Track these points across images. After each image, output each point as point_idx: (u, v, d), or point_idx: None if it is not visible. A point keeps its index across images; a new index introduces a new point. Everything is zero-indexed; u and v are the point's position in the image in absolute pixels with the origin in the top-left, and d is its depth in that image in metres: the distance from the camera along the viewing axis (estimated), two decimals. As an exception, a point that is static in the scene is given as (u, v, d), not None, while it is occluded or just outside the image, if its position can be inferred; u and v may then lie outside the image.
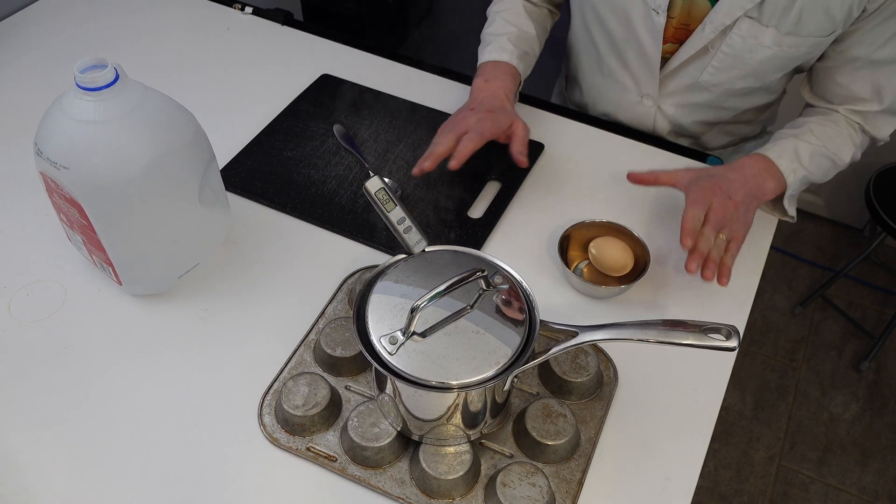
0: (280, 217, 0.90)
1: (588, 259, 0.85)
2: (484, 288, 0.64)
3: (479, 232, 0.88)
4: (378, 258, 0.85)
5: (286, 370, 0.74)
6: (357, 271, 0.83)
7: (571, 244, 0.86)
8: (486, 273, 0.64)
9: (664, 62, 0.96)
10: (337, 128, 0.81)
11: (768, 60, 0.89)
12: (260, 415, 0.71)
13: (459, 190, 0.91)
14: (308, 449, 0.69)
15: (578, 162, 0.99)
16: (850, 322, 2.02)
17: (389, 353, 0.61)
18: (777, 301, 2.09)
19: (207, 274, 0.83)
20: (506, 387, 0.64)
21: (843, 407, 1.86)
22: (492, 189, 0.93)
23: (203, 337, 0.78)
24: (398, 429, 0.68)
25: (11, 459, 0.68)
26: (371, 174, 0.70)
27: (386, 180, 0.70)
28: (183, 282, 0.81)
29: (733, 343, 0.58)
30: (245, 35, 1.18)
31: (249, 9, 1.22)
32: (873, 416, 1.84)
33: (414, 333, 0.61)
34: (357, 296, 0.66)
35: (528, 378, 0.74)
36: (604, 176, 0.97)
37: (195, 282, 0.82)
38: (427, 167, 0.85)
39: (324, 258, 0.85)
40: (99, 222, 0.71)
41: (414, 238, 0.69)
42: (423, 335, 0.62)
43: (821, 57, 0.90)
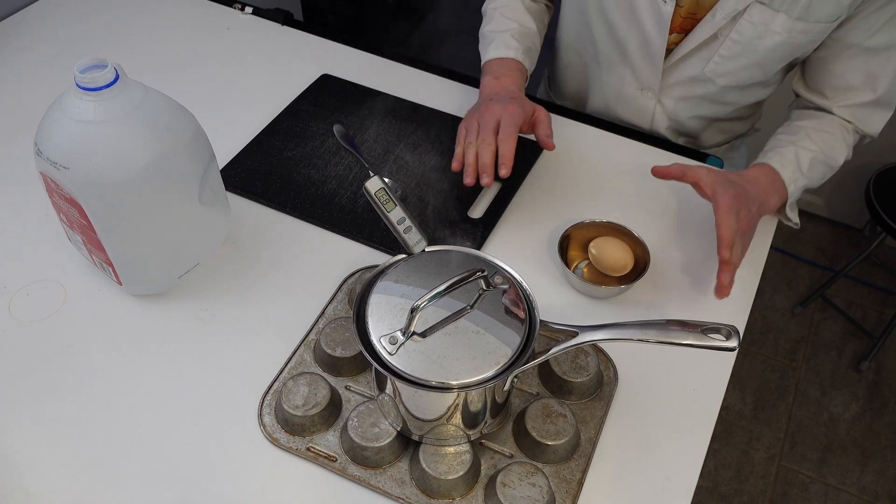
0: (280, 217, 0.90)
1: (588, 259, 0.85)
2: (484, 288, 0.64)
3: (479, 232, 0.88)
4: (378, 258, 0.85)
5: (286, 370, 0.74)
6: (357, 271, 0.83)
7: (571, 244, 0.86)
8: (486, 273, 0.64)
9: (667, 54, 0.95)
10: (337, 128, 0.81)
11: (776, 48, 0.88)
12: (260, 415, 0.71)
13: (459, 190, 0.91)
14: (308, 449, 0.69)
15: (578, 162, 0.99)
16: (850, 322, 2.02)
17: (389, 354, 0.61)
18: (777, 301, 2.09)
19: (207, 274, 0.83)
20: (506, 387, 0.64)
21: (843, 407, 1.86)
22: (492, 189, 0.93)
23: (203, 337, 0.78)
24: (398, 429, 0.68)
25: (11, 459, 0.68)
26: (371, 174, 0.70)
27: (386, 180, 0.70)
28: (183, 282, 0.81)
29: (733, 343, 0.58)
30: (245, 35, 1.18)
31: (249, 9, 1.22)
32: (873, 416, 1.84)
33: (414, 333, 0.61)
34: (357, 296, 0.66)
35: (528, 378, 0.74)
36: (604, 176, 0.97)
37: (195, 282, 0.82)
38: (486, 183, 0.82)
39: (324, 258, 0.85)
40: (99, 222, 0.71)
41: (414, 238, 0.69)
42: (423, 335, 0.62)
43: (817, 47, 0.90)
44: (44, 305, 0.80)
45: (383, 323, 0.63)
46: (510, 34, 0.97)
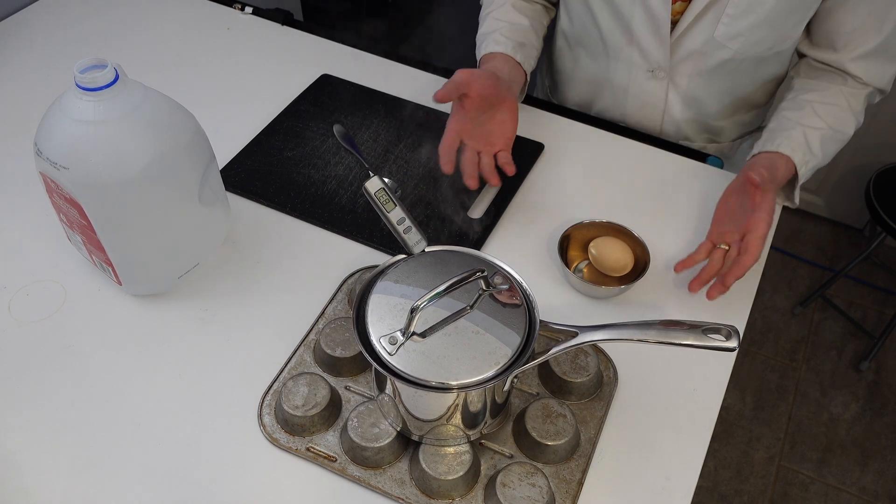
0: (280, 217, 0.90)
1: (588, 259, 0.85)
2: (484, 288, 0.64)
3: (479, 232, 0.88)
4: (378, 258, 0.85)
5: (286, 370, 0.74)
6: (357, 271, 0.83)
7: (571, 244, 0.86)
8: (486, 273, 0.64)
9: (674, 27, 0.93)
10: (337, 128, 0.81)
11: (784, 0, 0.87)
12: (260, 415, 0.71)
13: (459, 190, 0.91)
14: (308, 449, 0.69)
15: (578, 162, 0.99)
16: (850, 322, 2.02)
17: (389, 354, 0.61)
18: (777, 301, 2.09)
19: (207, 274, 0.83)
20: (506, 387, 0.64)
21: (843, 407, 1.86)
22: (492, 189, 0.93)
23: (203, 337, 0.78)
24: (398, 429, 0.68)
25: (11, 459, 0.68)
26: (371, 174, 0.70)
27: (386, 180, 0.70)
28: (183, 282, 0.81)
29: (733, 343, 0.58)
30: (245, 35, 1.18)
31: (249, 9, 1.22)
32: (873, 416, 1.84)
33: (414, 334, 0.61)
34: (357, 296, 0.66)
35: (528, 378, 0.74)
36: (604, 176, 0.97)
37: (195, 282, 0.82)
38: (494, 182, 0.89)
39: (324, 258, 0.85)
40: (99, 222, 0.71)
41: (414, 238, 0.69)
42: (423, 335, 0.62)
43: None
44: (44, 305, 0.80)
45: (383, 323, 0.63)
46: (499, 32, 0.97)
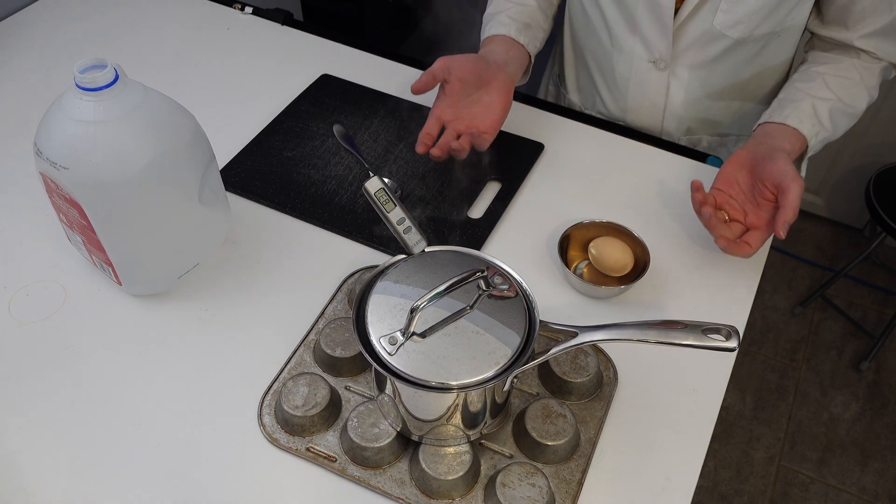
0: (280, 217, 0.90)
1: (588, 259, 0.85)
2: (484, 288, 0.64)
3: (479, 232, 0.88)
4: (378, 258, 0.85)
5: (286, 370, 0.74)
6: (357, 271, 0.83)
7: (571, 244, 0.86)
8: (486, 273, 0.64)
9: (675, 14, 0.94)
10: (337, 128, 0.81)
11: None
12: (260, 415, 0.71)
13: (459, 190, 0.91)
14: (308, 449, 0.69)
15: (578, 162, 0.99)
16: (850, 322, 2.02)
17: (389, 354, 0.61)
18: (777, 301, 2.09)
19: (207, 274, 0.83)
20: (505, 387, 0.64)
21: (843, 407, 1.86)
22: (492, 189, 0.93)
23: (203, 337, 0.78)
24: (398, 429, 0.68)
25: (11, 459, 0.68)
26: (371, 174, 0.70)
27: (386, 180, 0.70)
28: (183, 282, 0.81)
29: (733, 343, 0.58)
30: (245, 35, 1.18)
31: (249, 9, 1.22)
32: (873, 416, 1.84)
33: (414, 334, 0.61)
34: (357, 296, 0.66)
35: (528, 378, 0.74)
36: (604, 176, 0.97)
37: (195, 282, 0.82)
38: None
39: (324, 258, 0.85)
40: (99, 222, 0.71)
41: (414, 238, 0.69)
42: (423, 335, 0.62)
43: None
44: (43, 305, 0.80)
45: (383, 323, 0.63)
46: (505, 13, 0.98)
